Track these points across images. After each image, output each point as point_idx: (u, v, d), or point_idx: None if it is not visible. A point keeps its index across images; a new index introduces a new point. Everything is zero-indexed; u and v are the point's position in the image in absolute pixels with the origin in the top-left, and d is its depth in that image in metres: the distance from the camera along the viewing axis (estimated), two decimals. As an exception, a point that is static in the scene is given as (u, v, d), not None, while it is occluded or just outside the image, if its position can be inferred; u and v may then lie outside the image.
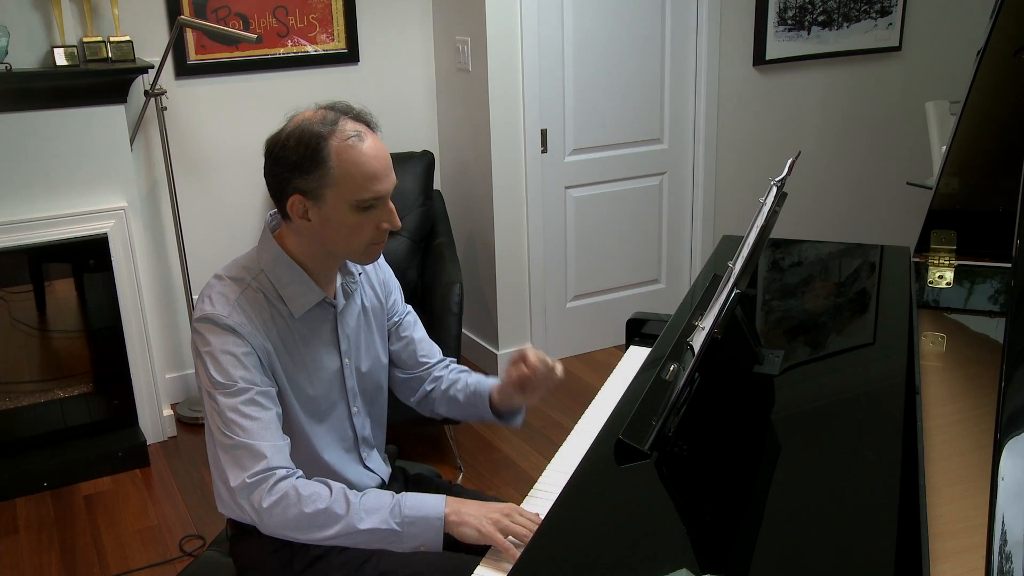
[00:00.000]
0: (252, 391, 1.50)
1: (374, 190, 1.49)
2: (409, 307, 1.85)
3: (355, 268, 1.71)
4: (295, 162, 1.47)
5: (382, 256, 1.77)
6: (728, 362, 1.63)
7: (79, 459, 3.17)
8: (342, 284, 1.67)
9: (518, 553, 1.40)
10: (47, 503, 3.06)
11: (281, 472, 1.48)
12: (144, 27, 3.29)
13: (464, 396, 1.79)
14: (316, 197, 1.49)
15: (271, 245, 1.59)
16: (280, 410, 1.55)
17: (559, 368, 1.66)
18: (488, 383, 1.78)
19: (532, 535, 1.37)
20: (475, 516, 1.49)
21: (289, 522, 1.46)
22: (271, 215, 1.62)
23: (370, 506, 1.49)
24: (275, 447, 1.49)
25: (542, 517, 1.48)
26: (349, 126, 1.49)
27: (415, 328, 1.84)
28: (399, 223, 1.55)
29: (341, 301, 1.66)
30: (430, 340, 1.87)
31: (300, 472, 1.51)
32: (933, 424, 1.53)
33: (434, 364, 1.85)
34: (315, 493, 1.47)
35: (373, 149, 1.49)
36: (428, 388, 1.84)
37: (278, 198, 1.53)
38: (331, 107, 1.53)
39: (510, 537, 1.47)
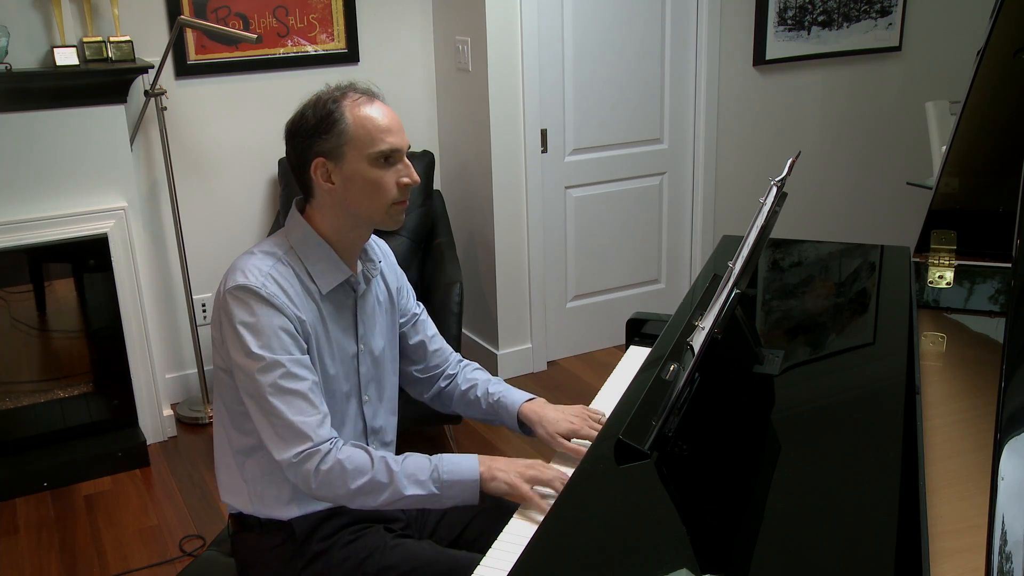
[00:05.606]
0: (286, 366, 1.54)
1: (389, 142, 1.58)
2: (421, 305, 1.91)
3: (375, 255, 1.76)
4: (313, 127, 1.58)
5: (394, 257, 1.85)
6: (728, 362, 1.63)
7: (79, 459, 3.17)
8: (363, 270, 1.72)
9: (545, 505, 1.50)
10: (47, 503, 3.06)
11: (325, 447, 1.54)
12: (144, 27, 3.29)
13: (487, 404, 1.85)
14: (336, 156, 1.57)
15: (300, 223, 1.65)
16: (317, 377, 1.60)
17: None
18: (515, 397, 1.84)
19: (561, 485, 1.52)
20: (504, 471, 1.58)
21: (339, 494, 1.55)
22: (297, 200, 1.68)
23: (411, 472, 1.57)
24: (315, 422, 1.54)
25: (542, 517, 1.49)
26: (358, 92, 1.62)
27: (428, 326, 1.91)
28: (418, 178, 1.64)
29: (362, 285, 1.71)
30: (441, 337, 1.93)
31: (341, 440, 1.57)
32: (933, 424, 1.53)
33: (447, 361, 1.92)
34: (360, 465, 1.54)
35: (382, 107, 1.62)
36: (443, 385, 1.91)
37: (302, 170, 1.61)
38: (339, 85, 1.65)
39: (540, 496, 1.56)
